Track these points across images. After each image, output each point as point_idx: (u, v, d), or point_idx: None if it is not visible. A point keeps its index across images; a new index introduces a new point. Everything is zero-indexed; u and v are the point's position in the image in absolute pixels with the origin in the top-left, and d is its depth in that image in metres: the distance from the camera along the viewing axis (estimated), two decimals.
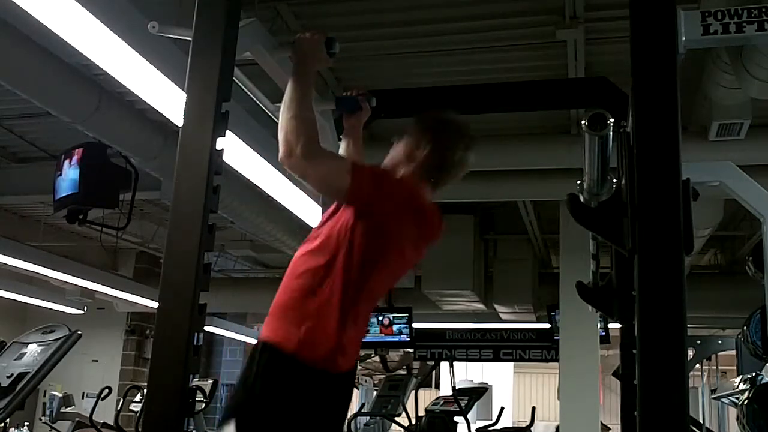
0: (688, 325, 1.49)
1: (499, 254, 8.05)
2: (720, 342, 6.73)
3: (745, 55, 3.29)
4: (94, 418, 6.86)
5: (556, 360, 6.54)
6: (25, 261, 6.82)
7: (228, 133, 1.81)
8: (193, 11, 1.84)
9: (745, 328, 3.75)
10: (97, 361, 10.23)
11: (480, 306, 8.19)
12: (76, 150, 4.56)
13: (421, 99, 2.92)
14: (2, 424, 4.41)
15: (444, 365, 9.23)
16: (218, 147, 1.77)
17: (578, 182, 2.33)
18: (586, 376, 6.00)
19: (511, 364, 13.38)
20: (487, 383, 10.68)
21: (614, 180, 2.14)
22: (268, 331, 1.89)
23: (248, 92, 2.37)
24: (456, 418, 6.75)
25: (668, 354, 1.47)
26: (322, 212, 2.11)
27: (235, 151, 3.88)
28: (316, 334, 1.84)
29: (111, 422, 7.32)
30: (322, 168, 1.86)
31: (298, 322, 1.84)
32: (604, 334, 7.22)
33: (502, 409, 7.01)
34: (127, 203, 4.64)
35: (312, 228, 2.04)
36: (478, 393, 7.32)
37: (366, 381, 12.42)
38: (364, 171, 1.89)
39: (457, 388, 7.04)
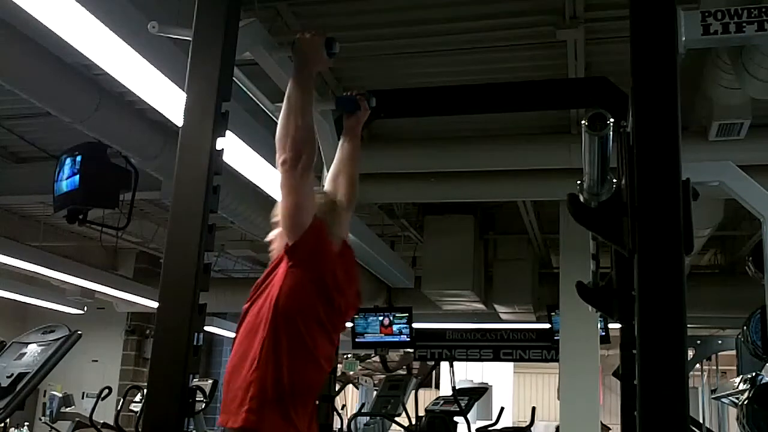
0: (688, 325, 1.49)
1: (499, 254, 8.05)
2: (720, 342, 6.74)
3: (745, 55, 3.29)
4: (94, 418, 6.87)
5: (556, 360, 6.54)
6: (25, 261, 6.82)
7: (228, 133, 1.81)
8: (193, 11, 1.84)
9: (745, 328, 3.76)
10: (97, 361, 10.23)
11: (480, 306, 8.19)
12: (76, 150, 4.56)
13: (421, 99, 2.92)
14: (2, 424, 4.41)
15: (444, 365, 9.23)
16: (218, 147, 1.77)
17: (578, 182, 2.33)
18: (586, 376, 5.99)
19: (511, 364, 13.39)
20: (487, 383, 10.70)
21: (614, 180, 2.14)
22: (227, 420, 1.93)
23: (248, 92, 2.37)
24: (456, 418, 6.76)
25: (668, 354, 1.47)
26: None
27: (235, 151, 3.88)
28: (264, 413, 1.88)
29: (111, 422, 7.32)
30: (304, 196, 1.93)
31: (245, 403, 1.88)
32: (604, 334, 7.22)
33: (502, 409, 7.02)
34: (127, 203, 4.64)
35: None
36: (478, 393, 7.33)
37: (366, 381, 12.43)
38: (318, 225, 1.97)
39: (457, 388, 7.05)
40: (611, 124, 1.94)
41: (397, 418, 7.30)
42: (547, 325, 7.89)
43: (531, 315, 8.62)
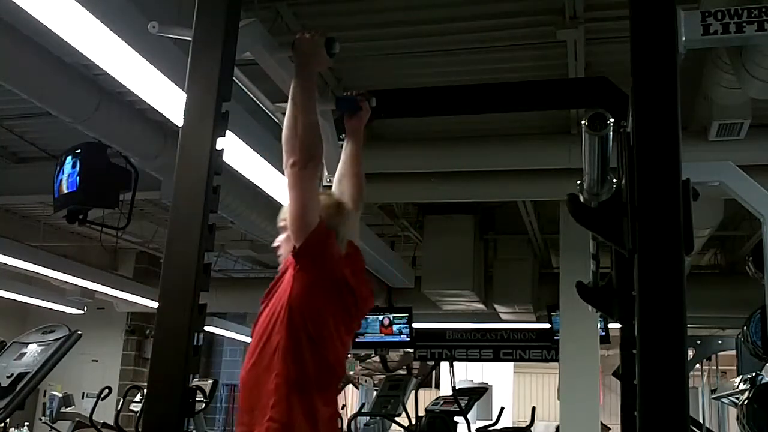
0: (688, 325, 1.49)
1: (499, 254, 8.05)
2: (720, 342, 6.74)
3: (745, 55, 3.29)
4: (94, 418, 6.87)
5: (556, 360, 6.54)
6: (25, 261, 6.83)
7: (228, 133, 1.81)
8: (193, 11, 1.84)
9: (745, 328, 3.76)
10: (97, 361, 10.23)
11: (480, 306, 8.19)
12: (76, 150, 4.56)
13: (421, 99, 2.91)
14: (2, 424, 4.41)
15: (444, 365, 9.24)
16: (218, 147, 1.77)
17: (578, 182, 2.33)
18: (586, 376, 6.00)
19: (511, 364, 13.39)
20: (487, 383, 10.70)
21: (614, 180, 2.14)
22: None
23: (248, 92, 2.37)
24: (456, 418, 6.76)
25: (668, 354, 1.46)
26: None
27: (235, 151, 3.88)
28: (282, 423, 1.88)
29: (111, 422, 7.32)
30: (312, 197, 1.94)
31: (263, 418, 1.89)
32: (604, 334, 7.22)
33: (502, 409, 7.03)
34: (127, 203, 4.63)
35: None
36: (478, 393, 7.33)
37: (366, 381, 12.43)
38: (321, 226, 1.96)
39: (457, 388, 7.06)
40: (611, 124, 1.94)
41: (397, 418, 7.30)
42: (547, 325, 7.89)
43: (531, 315, 8.62)
